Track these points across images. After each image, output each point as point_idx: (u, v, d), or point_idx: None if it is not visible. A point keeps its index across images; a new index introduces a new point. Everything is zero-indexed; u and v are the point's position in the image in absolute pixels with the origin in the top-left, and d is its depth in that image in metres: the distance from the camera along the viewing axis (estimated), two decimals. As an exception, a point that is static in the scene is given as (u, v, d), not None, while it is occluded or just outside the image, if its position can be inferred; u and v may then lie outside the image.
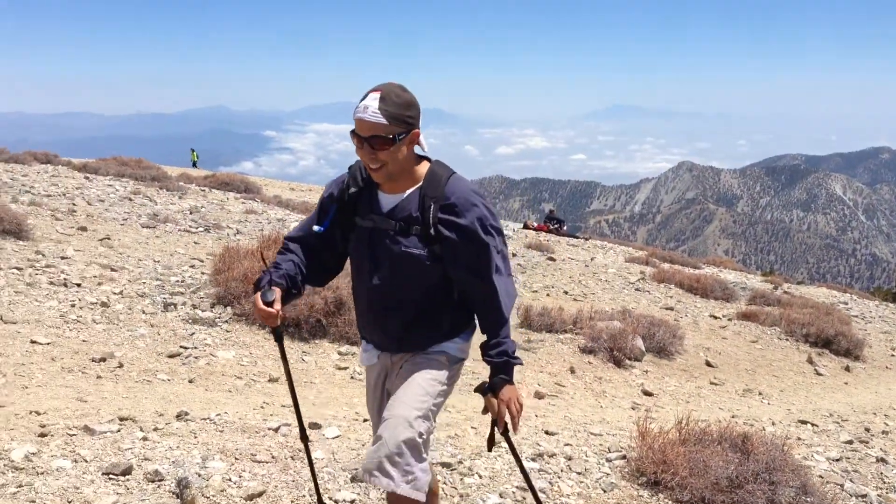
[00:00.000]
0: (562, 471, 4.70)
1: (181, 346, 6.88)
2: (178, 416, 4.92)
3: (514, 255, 16.99)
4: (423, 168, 2.85)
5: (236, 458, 4.29)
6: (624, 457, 4.95)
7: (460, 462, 4.61)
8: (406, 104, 2.68)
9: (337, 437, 4.91)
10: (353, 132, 2.69)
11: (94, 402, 5.18)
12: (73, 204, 13.36)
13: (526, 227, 25.50)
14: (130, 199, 15.20)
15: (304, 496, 3.97)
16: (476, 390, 2.91)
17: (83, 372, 5.97)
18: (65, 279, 8.23)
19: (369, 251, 2.88)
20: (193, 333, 7.28)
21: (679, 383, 8.75)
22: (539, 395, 7.22)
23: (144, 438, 4.43)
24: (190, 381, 6.21)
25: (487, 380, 2.90)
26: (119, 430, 4.49)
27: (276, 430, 4.84)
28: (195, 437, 4.56)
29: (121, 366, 6.22)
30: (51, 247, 9.71)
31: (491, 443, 3.14)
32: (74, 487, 3.72)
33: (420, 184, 2.82)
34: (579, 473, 4.68)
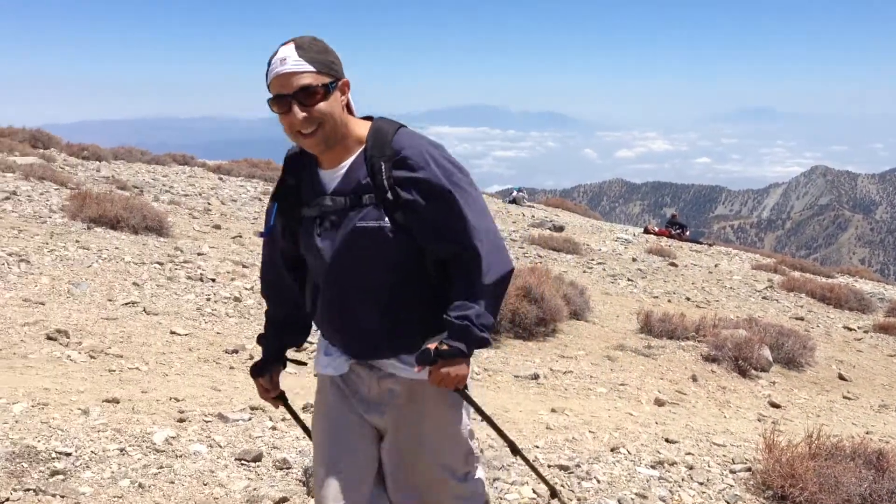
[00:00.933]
0: (682, 480, 4.60)
1: (307, 342, 7.13)
2: (304, 408, 5.11)
3: (634, 259, 16.69)
4: (364, 128, 2.36)
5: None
6: (749, 469, 4.79)
7: (578, 465, 4.58)
8: (324, 49, 2.24)
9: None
10: (272, 100, 2.22)
11: (228, 391, 5.46)
12: (209, 203, 14.09)
13: (647, 231, 24.93)
14: (260, 199, 15.88)
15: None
16: (417, 356, 2.31)
17: (217, 362, 6.30)
18: (201, 274, 8.70)
19: (320, 240, 2.36)
20: (318, 330, 7.54)
21: (809, 396, 8.37)
22: (659, 402, 7.07)
23: (273, 428, 4.64)
24: (315, 375, 6.44)
25: (433, 347, 2.31)
26: (250, 419, 4.71)
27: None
28: (320, 429, 4.73)
29: (251, 358, 6.52)
30: (188, 243, 10.29)
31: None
32: (210, 471, 3.94)
33: (363, 146, 2.33)
34: (701, 484, 4.57)
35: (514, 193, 28.35)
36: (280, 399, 2.76)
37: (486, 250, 2.30)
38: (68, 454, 3.86)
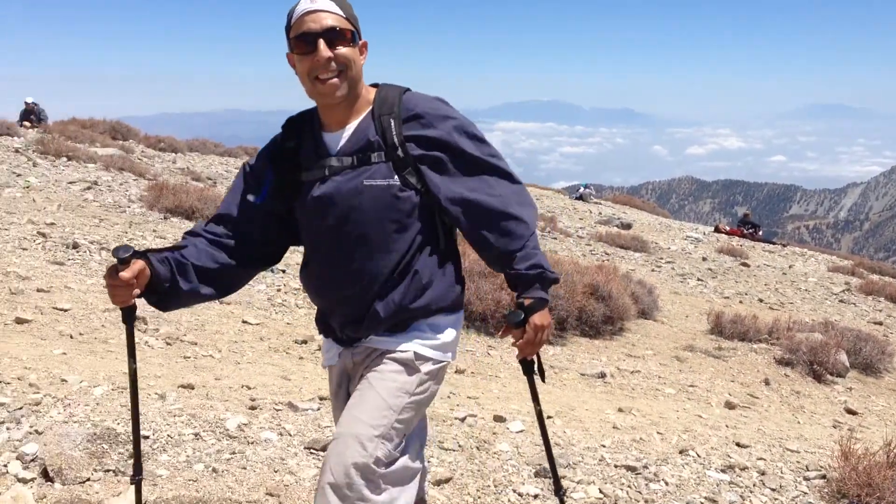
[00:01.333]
0: (754, 485, 4.50)
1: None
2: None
3: (704, 258, 16.37)
4: (372, 93, 2.31)
5: (425, 445, 4.45)
6: (824, 476, 4.65)
7: (645, 467, 4.52)
8: (349, 4, 2.23)
9: (521, 431, 4.96)
10: (296, 40, 2.16)
11: (297, 380, 5.56)
12: (279, 196, 14.37)
13: (717, 230, 24.40)
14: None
15: (489, 486, 4.06)
16: (507, 318, 2.32)
17: (287, 352, 6.42)
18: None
19: (323, 204, 2.25)
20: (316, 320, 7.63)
21: (888, 403, 8.08)
22: (730, 406, 6.93)
23: (341, 418, 4.70)
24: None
25: (516, 306, 2.31)
26: (319, 409, 4.79)
27: (463, 419, 4.97)
28: (387, 421, 4.78)
29: (320, 349, 6.61)
30: (260, 235, 10.51)
31: (536, 371, 2.51)
32: (280, 458, 4.02)
33: (371, 107, 2.28)
34: (773, 490, 4.46)
35: (582, 190, 28.12)
36: (129, 312, 2.45)
37: (516, 198, 2.32)
38: (146, 437, 3.98)
